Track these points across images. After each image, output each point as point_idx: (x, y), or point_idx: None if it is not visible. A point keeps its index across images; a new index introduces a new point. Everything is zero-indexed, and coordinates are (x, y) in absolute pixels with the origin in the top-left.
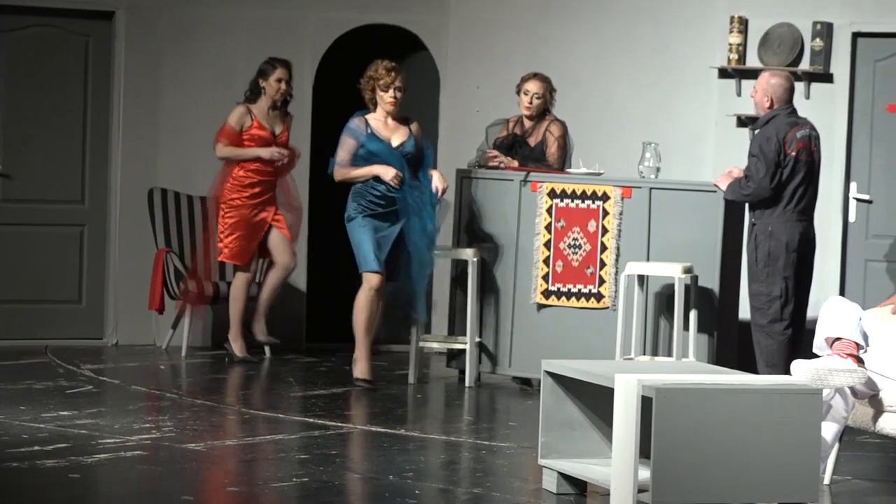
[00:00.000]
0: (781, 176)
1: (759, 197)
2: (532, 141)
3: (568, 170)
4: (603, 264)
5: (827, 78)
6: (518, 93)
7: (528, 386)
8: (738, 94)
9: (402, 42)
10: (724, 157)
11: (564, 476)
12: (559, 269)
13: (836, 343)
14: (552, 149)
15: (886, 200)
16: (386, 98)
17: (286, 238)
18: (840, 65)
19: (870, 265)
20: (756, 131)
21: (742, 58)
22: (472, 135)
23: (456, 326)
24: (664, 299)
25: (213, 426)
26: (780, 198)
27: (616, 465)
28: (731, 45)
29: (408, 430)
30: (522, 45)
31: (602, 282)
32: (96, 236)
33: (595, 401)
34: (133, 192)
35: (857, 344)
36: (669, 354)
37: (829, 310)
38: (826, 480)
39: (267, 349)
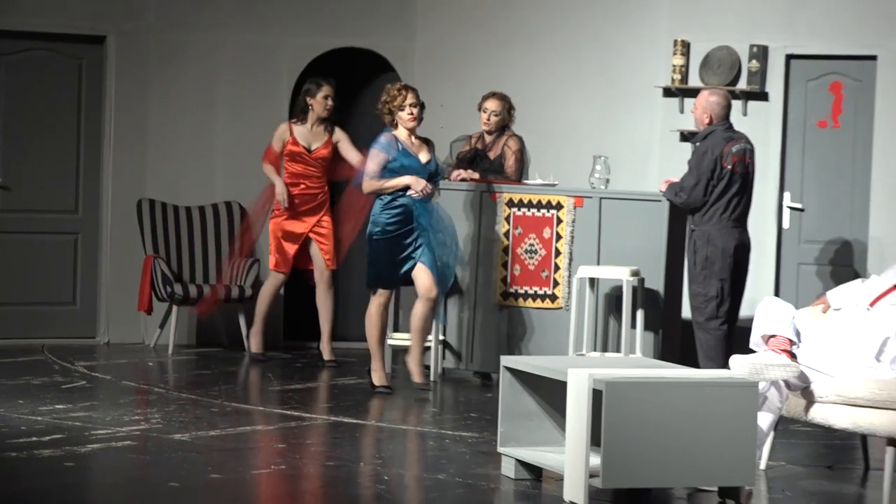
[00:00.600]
0: (715, 188)
1: (693, 205)
2: (492, 154)
3: (525, 181)
4: (557, 268)
5: (763, 96)
6: (479, 110)
7: (487, 380)
8: (681, 111)
9: (372, 64)
10: (668, 170)
11: (522, 463)
12: (517, 273)
13: (771, 340)
14: (510, 161)
15: (817, 209)
16: (405, 116)
17: (320, 249)
18: (775, 84)
19: (802, 268)
20: (696, 144)
21: (685, 78)
22: (437, 149)
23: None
24: (613, 300)
25: (198, 418)
26: (717, 207)
27: (569, 452)
28: (674, 66)
29: (377, 421)
30: (483, 67)
31: (556, 284)
32: (89, 243)
33: (550, 393)
34: (123, 203)
35: (791, 340)
36: (618, 350)
37: (764, 309)
38: (762, 466)
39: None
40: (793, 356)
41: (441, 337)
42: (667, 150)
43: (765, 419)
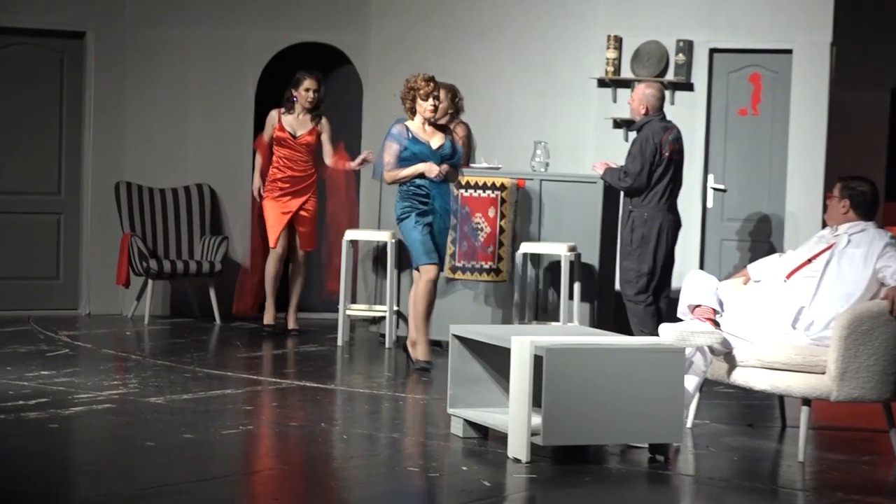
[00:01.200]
0: (654, 173)
1: (638, 190)
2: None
3: (471, 164)
4: (501, 244)
5: (688, 87)
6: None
7: (438, 347)
8: (614, 100)
9: (331, 57)
10: (603, 154)
11: (469, 423)
12: (464, 249)
13: (697, 309)
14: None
15: (737, 190)
16: (426, 106)
17: (298, 230)
18: (699, 76)
19: (724, 244)
20: (635, 133)
21: (617, 70)
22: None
23: (377, 297)
24: (552, 273)
25: (172, 383)
26: (655, 191)
27: (513, 412)
28: (608, 59)
29: (336, 385)
30: (434, 60)
31: (500, 259)
32: (71, 222)
33: (495, 359)
34: (102, 185)
35: (714, 310)
36: (557, 320)
37: (690, 281)
38: (688, 424)
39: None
40: (716, 324)
41: (395, 308)
42: (601, 136)
43: (691, 381)
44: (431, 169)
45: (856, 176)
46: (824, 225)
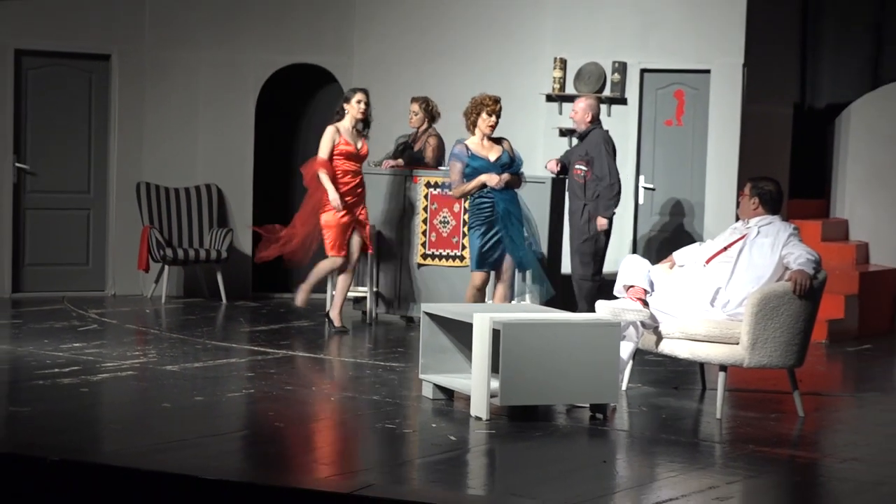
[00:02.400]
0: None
1: (619, 186)
2: (416, 146)
3: (441, 167)
4: (464, 234)
5: (623, 101)
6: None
7: (411, 322)
8: (560, 112)
9: (319, 77)
10: (550, 157)
11: (438, 386)
12: (433, 239)
13: (630, 289)
14: (428, 153)
15: (664, 189)
16: (488, 122)
17: (361, 236)
18: (632, 92)
19: (653, 234)
20: (578, 140)
21: (562, 87)
22: (373, 145)
23: (360, 280)
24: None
25: (185, 353)
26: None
27: (475, 377)
28: (554, 77)
29: (325, 355)
30: (410, 78)
31: (464, 248)
32: (99, 216)
33: (460, 332)
34: (125, 185)
35: (645, 290)
36: (512, 299)
37: (626, 264)
38: (623, 387)
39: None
40: (645, 303)
41: (375, 289)
42: (549, 142)
43: (625, 350)
44: (492, 178)
45: (763, 177)
46: (737, 219)
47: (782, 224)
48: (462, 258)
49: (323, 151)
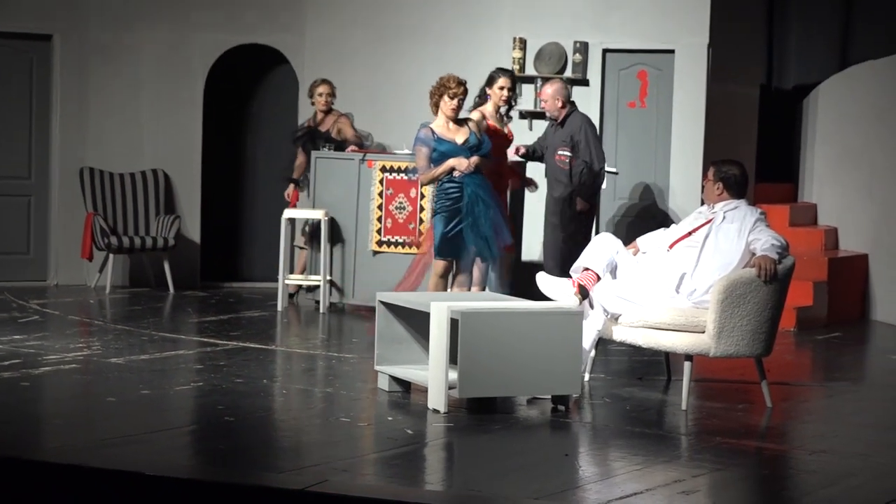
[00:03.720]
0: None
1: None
2: (323, 128)
3: (395, 151)
4: (421, 221)
5: (585, 83)
6: (314, 96)
7: (366, 311)
8: (520, 94)
9: (271, 58)
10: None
11: (394, 378)
12: (389, 225)
13: (584, 272)
14: (348, 133)
15: (627, 173)
16: (450, 105)
17: None
18: (594, 73)
19: (617, 220)
20: (559, 127)
21: (522, 68)
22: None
23: (313, 267)
24: None
25: (130, 345)
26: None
27: (432, 369)
28: (514, 58)
29: (277, 346)
30: (362, 59)
31: (421, 234)
32: (40, 203)
33: (417, 322)
34: (68, 170)
35: (597, 277)
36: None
37: (595, 243)
38: (586, 378)
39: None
40: (583, 292)
41: (329, 277)
42: (511, 126)
43: (588, 339)
44: (461, 163)
45: (726, 160)
46: (703, 203)
47: (748, 209)
48: (419, 245)
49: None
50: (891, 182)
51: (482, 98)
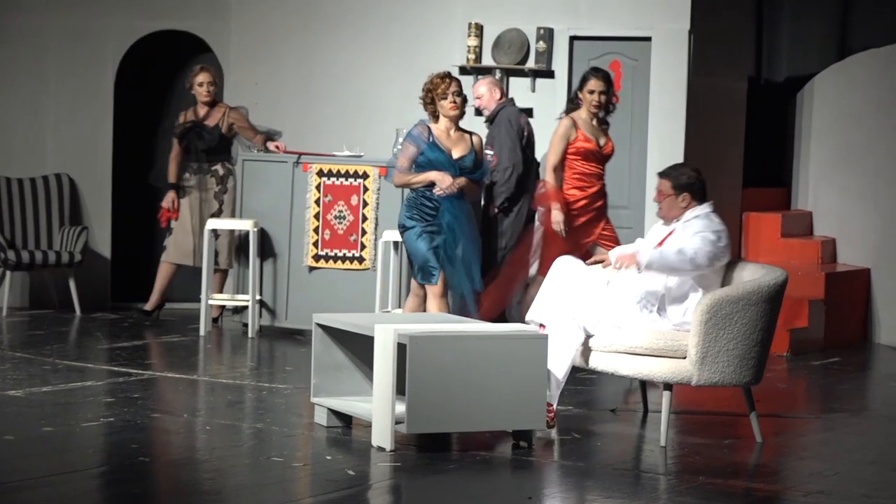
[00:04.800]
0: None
1: (521, 175)
2: (210, 123)
3: (334, 152)
4: (364, 232)
5: (549, 74)
6: (196, 86)
7: (300, 336)
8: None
9: (191, 45)
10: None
11: (333, 412)
12: (327, 237)
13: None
14: (245, 125)
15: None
16: (447, 105)
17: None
18: (560, 63)
19: None
20: (501, 118)
21: (478, 58)
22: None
23: (240, 286)
24: None
25: (31, 375)
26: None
27: (377, 401)
28: (469, 46)
29: (199, 376)
30: (294, 46)
31: (363, 247)
32: None
33: (359, 347)
34: None
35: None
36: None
37: (552, 280)
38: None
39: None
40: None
41: (258, 297)
42: (463, 123)
43: (561, 366)
44: (444, 180)
45: (674, 166)
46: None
47: (707, 221)
48: (361, 259)
49: (554, 151)
50: (894, 186)
51: (573, 103)
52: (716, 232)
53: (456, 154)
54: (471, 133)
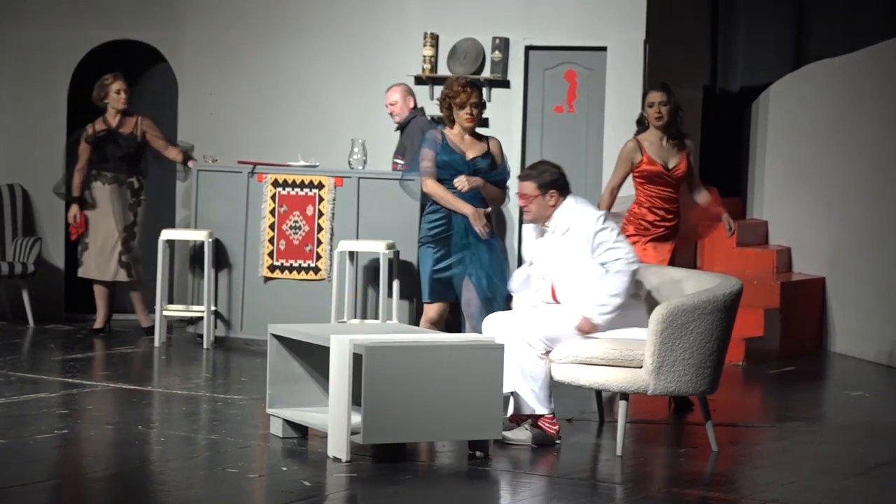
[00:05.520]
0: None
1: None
2: (125, 131)
3: (289, 163)
4: (320, 242)
5: (505, 84)
6: (111, 94)
7: (257, 346)
8: (432, 97)
9: (146, 55)
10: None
11: (289, 423)
12: (282, 248)
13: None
14: (156, 134)
15: None
16: (463, 115)
17: None
18: (516, 73)
19: None
20: (418, 128)
21: (434, 67)
22: (208, 135)
23: (194, 296)
24: (371, 271)
25: None
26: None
27: (333, 411)
28: (424, 56)
29: (154, 387)
30: (251, 58)
31: (319, 257)
32: None
33: (314, 358)
34: None
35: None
36: (376, 317)
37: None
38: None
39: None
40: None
41: (213, 308)
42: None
43: (536, 380)
44: (459, 181)
45: (533, 166)
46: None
47: (583, 213)
48: (317, 269)
49: (615, 173)
50: (851, 196)
51: (642, 125)
52: (605, 222)
53: (470, 154)
54: (488, 137)
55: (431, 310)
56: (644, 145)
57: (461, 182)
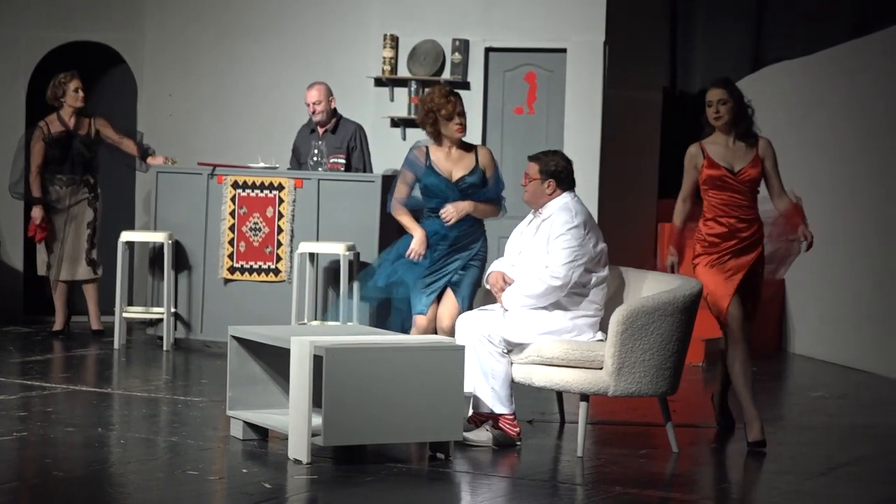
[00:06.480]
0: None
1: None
2: (83, 132)
3: (249, 164)
4: (280, 244)
5: (465, 86)
6: (70, 92)
7: (217, 347)
8: (392, 99)
9: (104, 56)
10: (381, 153)
11: (249, 424)
12: (242, 249)
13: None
14: (111, 134)
15: (515, 188)
16: (453, 127)
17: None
18: (476, 75)
19: (502, 241)
20: (330, 133)
21: (394, 69)
22: (167, 136)
23: (154, 298)
24: (331, 272)
25: None
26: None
27: (293, 413)
28: (384, 58)
29: (113, 389)
30: (211, 58)
31: (279, 259)
32: None
33: (275, 360)
34: None
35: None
36: (336, 319)
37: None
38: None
39: None
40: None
41: (173, 309)
42: (379, 134)
43: (498, 373)
44: (445, 211)
45: (546, 152)
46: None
47: (567, 214)
48: (277, 271)
49: (684, 181)
50: (810, 198)
51: (708, 126)
52: (572, 230)
53: (456, 175)
54: (476, 147)
55: (419, 321)
56: (707, 148)
57: (448, 214)
